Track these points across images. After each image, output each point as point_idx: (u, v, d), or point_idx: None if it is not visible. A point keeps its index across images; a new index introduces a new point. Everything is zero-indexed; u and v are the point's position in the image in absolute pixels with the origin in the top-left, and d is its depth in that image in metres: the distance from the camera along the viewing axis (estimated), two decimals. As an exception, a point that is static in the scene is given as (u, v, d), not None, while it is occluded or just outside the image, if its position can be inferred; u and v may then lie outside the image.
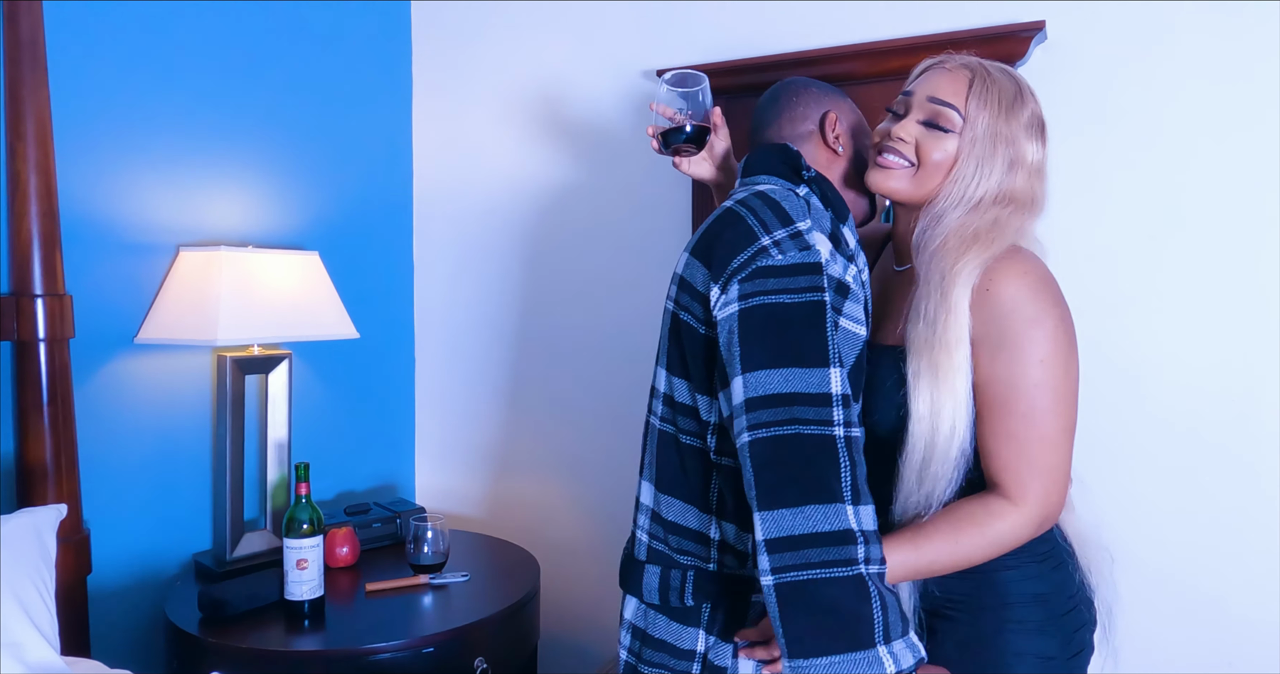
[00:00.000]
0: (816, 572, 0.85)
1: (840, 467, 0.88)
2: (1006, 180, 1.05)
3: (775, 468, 0.89)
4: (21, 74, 1.51)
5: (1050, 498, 0.99)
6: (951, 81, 1.07)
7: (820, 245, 0.98)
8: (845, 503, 0.87)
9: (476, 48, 2.23)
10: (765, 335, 0.93)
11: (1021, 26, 1.52)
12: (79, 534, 1.58)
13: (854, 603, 0.85)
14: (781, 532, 0.86)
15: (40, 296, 1.52)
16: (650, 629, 1.07)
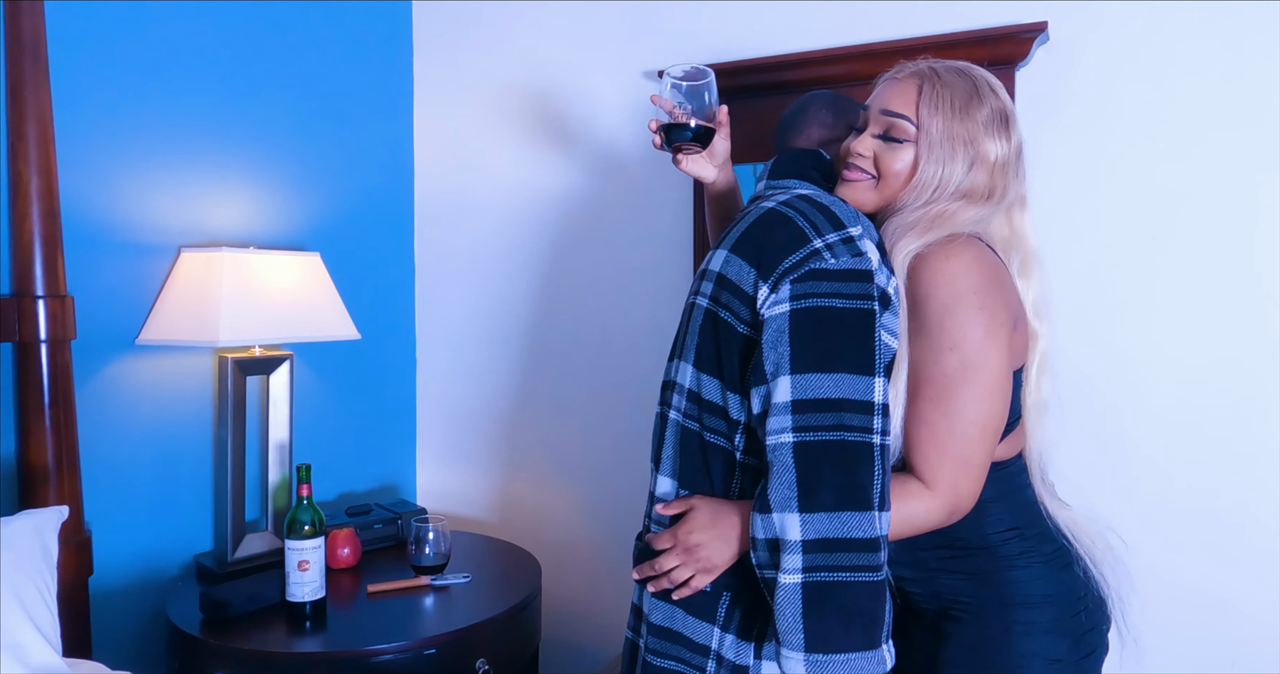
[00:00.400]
0: (847, 575, 0.89)
1: (875, 475, 0.91)
2: (967, 179, 1.05)
3: (818, 471, 0.91)
4: (23, 74, 1.51)
5: (959, 489, 0.98)
6: (902, 92, 1.08)
7: (871, 253, 0.99)
8: (876, 510, 0.90)
9: (478, 48, 2.23)
10: (817, 337, 0.94)
11: (1023, 27, 1.52)
12: (80, 535, 1.58)
13: (874, 605, 0.89)
14: (819, 534, 0.89)
15: (42, 298, 1.52)
16: (667, 622, 1.06)
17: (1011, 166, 1.08)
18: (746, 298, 0.99)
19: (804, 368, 0.93)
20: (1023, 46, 1.53)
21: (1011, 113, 1.08)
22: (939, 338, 0.98)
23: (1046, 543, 1.07)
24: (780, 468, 0.92)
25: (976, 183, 1.05)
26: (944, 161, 1.05)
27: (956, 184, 1.05)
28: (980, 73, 1.09)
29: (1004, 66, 1.56)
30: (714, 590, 1.04)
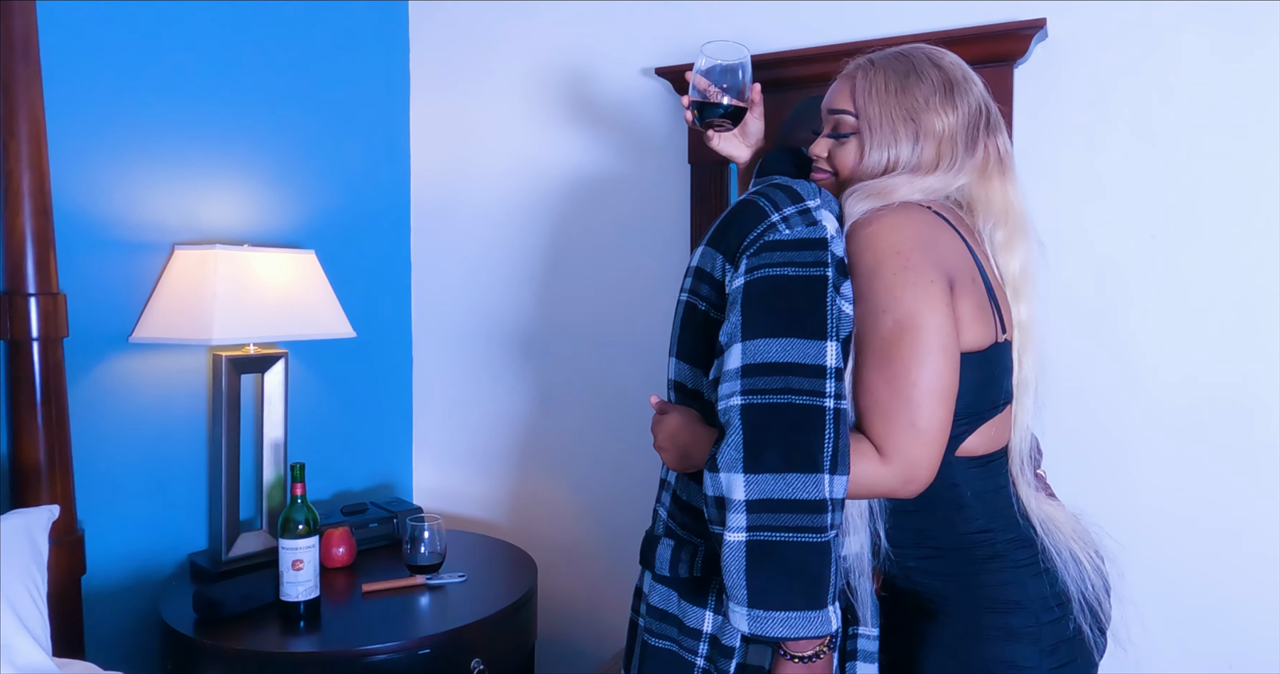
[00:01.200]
0: (790, 535, 0.90)
1: (825, 437, 0.91)
2: (914, 156, 1.05)
3: (765, 433, 0.91)
4: (15, 70, 1.50)
5: (911, 456, 0.93)
6: (841, 88, 1.10)
7: (828, 222, 1.00)
8: (824, 472, 0.90)
9: (474, 45, 2.21)
10: (768, 306, 0.96)
11: (1022, 24, 1.51)
12: (73, 534, 1.57)
13: (818, 567, 0.90)
14: (763, 494, 0.90)
15: (34, 295, 1.51)
16: (662, 603, 1.10)
17: (963, 135, 1.05)
18: (717, 284, 1.03)
19: (754, 335, 0.95)
20: (1021, 43, 1.52)
21: (958, 80, 1.06)
22: (871, 302, 0.96)
23: (1019, 548, 1.05)
24: (730, 430, 0.93)
25: (925, 157, 1.05)
26: (887, 145, 1.05)
27: (905, 162, 1.05)
28: (922, 50, 1.09)
29: (1003, 64, 1.55)
30: (705, 575, 1.06)
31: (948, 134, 1.05)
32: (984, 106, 1.07)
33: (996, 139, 1.08)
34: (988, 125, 1.07)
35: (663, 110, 1.95)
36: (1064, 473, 1.47)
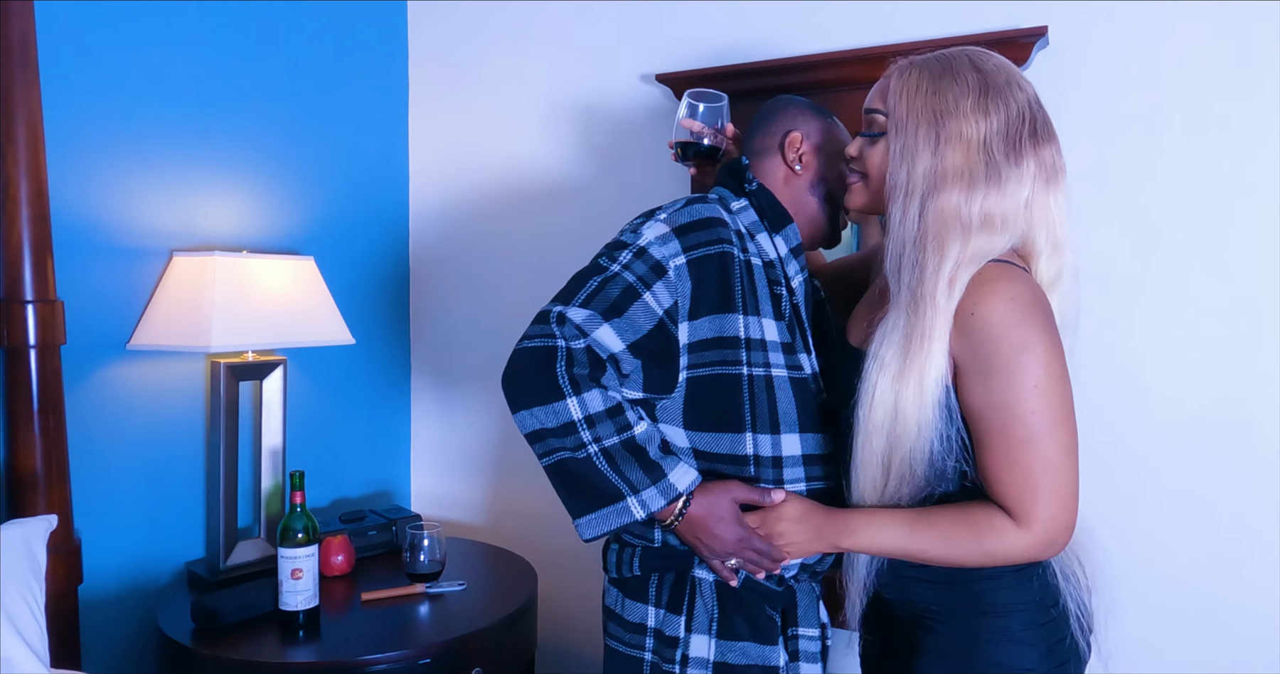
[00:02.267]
0: (557, 455, 1.07)
1: (556, 373, 1.06)
2: (935, 160, 0.99)
3: (510, 380, 1.09)
4: (12, 76, 1.49)
5: (1058, 522, 0.97)
6: (879, 88, 1.08)
7: (649, 231, 1.13)
8: (567, 397, 1.05)
9: (473, 52, 2.21)
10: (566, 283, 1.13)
11: (1023, 32, 1.51)
12: (70, 543, 1.55)
13: (589, 473, 1.06)
14: (527, 428, 1.08)
15: (31, 302, 1.50)
16: (614, 605, 1.21)
17: (1000, 143, 0.99)
18: None
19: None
20: (1023, 51, 1.52)
21: (998, 85, 1.00)
22: (1020, 378, 0.95)
23: None
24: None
25: (949, 163, 0.99)
26: (907, 148, 1.01)
27: (926, 166, 0.99)
28: (967, 51, 1.05)
29: (1004, 71, 1.55)
30: (644, 573, 1.17)
31: (979, 141, 0.99)
32: (1028, 115, 1.01)
33: (1046, 150, 1.03)
34: (1033, 134, 1.01)
35: (662, 116, 1.95)
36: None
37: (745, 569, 1.11)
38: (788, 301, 1.18)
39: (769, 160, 1.26)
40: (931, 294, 0.98)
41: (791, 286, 1.20)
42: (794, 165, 1.24)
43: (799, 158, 1.24)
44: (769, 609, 1.16)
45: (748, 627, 1.14)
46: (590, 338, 1.07)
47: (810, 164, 1.24)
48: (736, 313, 1.12)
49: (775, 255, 1.20)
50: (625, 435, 1.08)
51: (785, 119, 1.26)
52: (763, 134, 1.27)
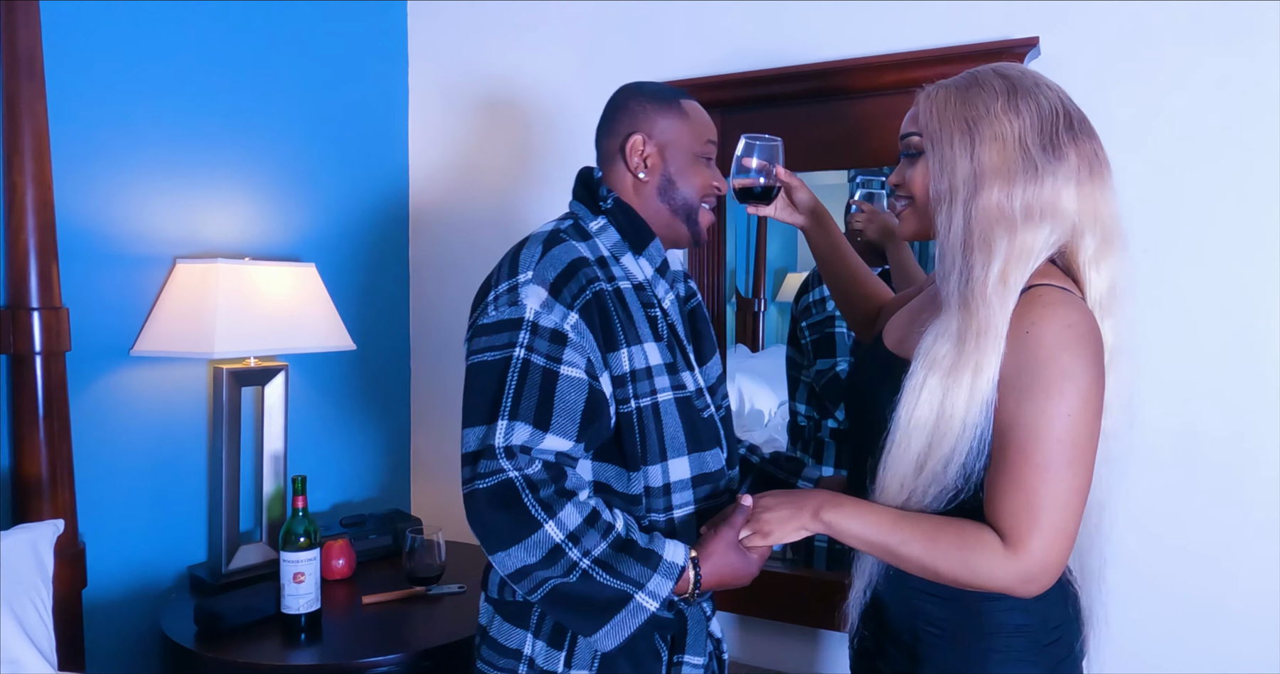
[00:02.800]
0: (548, 584, 1.02)
1: (525, 505, 1.00)
2: (972, 164, 0.99)
3: (479, 527, 1.02)
4: (19, 86, 1.51)
5: (1048, 558, 0.95)
6: (910, 114, 1.08)
7: (529, 299, 1.06)
8: (544, 525, 1.00)
9: (473, 59, 2.23)
10: (471, 394, 1.07)
11: (1014, 42, 1.54)
12: (74, 547, 1.57)
13: (588, 590, 1.02)
14: (509, 570, 1.02)
15: (36, 309, 1.52)
16: (488, 626, 1.16)
17: (1036, 137, 0.98)
18: None
19: (464, 424, 1.07)
20: (1014, 61, 1.54)
21: (1025, 86, 1.01)
22: (1057, 402, 0.94)
23: None
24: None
25: (987, 162, 0.98)
26: (945, 159, 1.01)
27: (965, 171, 0.99)
28: (992, 65, 1.06)
29: (996, 81, 1.58)
30: (525, 600, 1.10)
31: (1014, 138, 0.98)
32: (1061, 111, 1.01)
33: (1086, 144, 1.02)
34: (1069, 128, 1.01)
35: (660, 125, 1.96)
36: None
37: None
38: (663, 322, 1.15)
39: (615, 167, 1.19)
40: (983, 293, 0.96)
41: (664, 307, 1.17)
42: (638, 172, 1.17)
43: (643, 162, 1.16)
44: (658, 638, 1.14)
45: (630, 664, 1.10)
46: (539, 451, 1.03)
47: (656, 167, 1.17)
48: (620, 349, 1.10)
49: (643, 277, 1.17)
50: (611, 537, 1.03)
51: (626, 118, 1.18)
52: (607, 135, 1.20)
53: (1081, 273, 1.03)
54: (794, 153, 1.78)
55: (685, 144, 1.18)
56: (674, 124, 1.17)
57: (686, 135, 1.18)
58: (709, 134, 1.21)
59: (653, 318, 1.15)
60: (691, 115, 1.19)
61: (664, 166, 1.17)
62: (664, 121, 1.17)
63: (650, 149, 1.17)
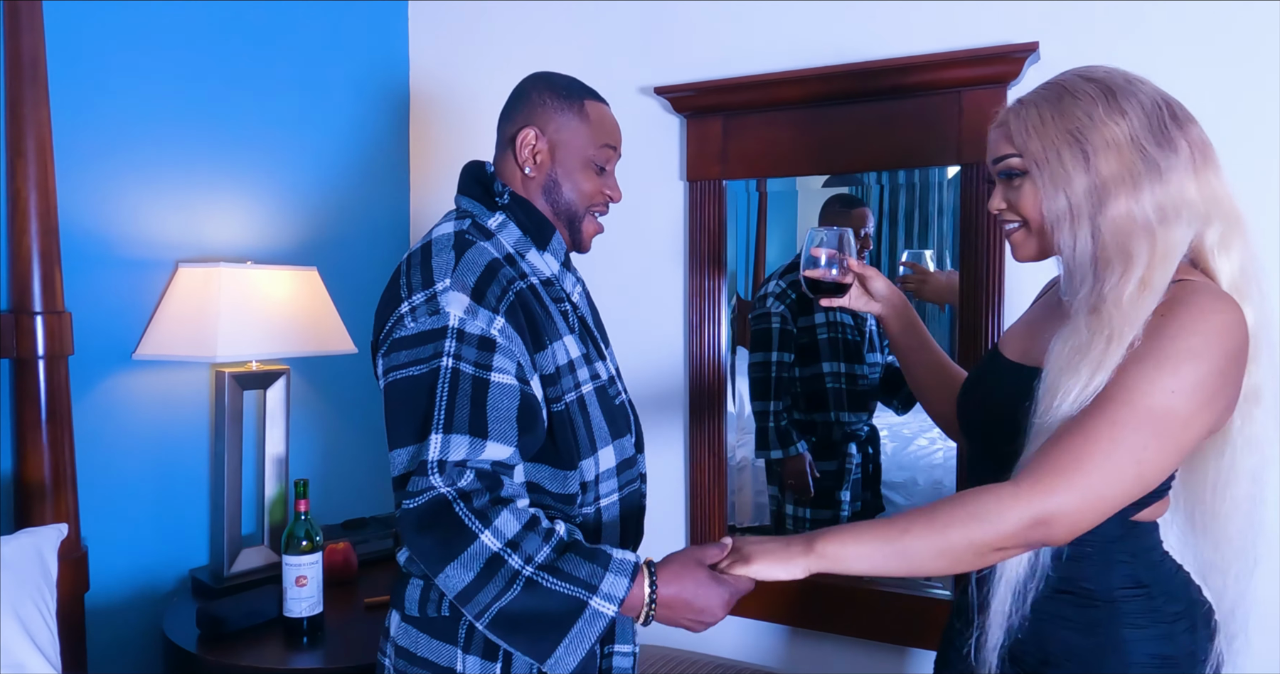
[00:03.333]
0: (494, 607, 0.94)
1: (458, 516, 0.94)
2: (1090, 177, 0.96)
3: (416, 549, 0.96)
4: (22, 90, 1.51)
5: (1067, 507, 0.88)
6: (997, 137, 1.04)
7: (452, 307, 1.01)
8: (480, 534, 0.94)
9: (474, 63, 2.24)
10: (396, 413, 1.01)
11: (1014, 47, 1.55)
12: (77, 551, 1.57)
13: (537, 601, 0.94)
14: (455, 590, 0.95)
15: (39, 314, 1.52)
16: (413, 646, 1.08)
17: (1148, 135, 0.95)
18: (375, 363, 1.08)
19: (393, 444, 1.01)
20: (1015, 66, 1.55)
21: (1119, 85, 0.97)
22: (1166, 375, 0.89)
23: (1173, 602, 1.01)
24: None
25: (1106, 172, 0.95)
26: (1059, 177, 0.97)
27: (1084, 185, 0.96)
28: (1071, 71, 1.01)
29: (996, 85, 1.59)
30: (453, 614, 1.05)
31: (1127, 140, 0.95)
32: (1162, 102, 0.98)
33: (1192, 130, 0.98)
34: (1174, 118, 0.97)
35: (659, 128, 1.97)
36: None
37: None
38: (574, 315, 1.14)
39: (505, 158, 1.15)
40: (1117, 299, 0.93)
41: (573, 301, 1.16)
42: (525, 166, 1.13)
43: (532, 158, 1.12)
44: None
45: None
46: (476, 462, 0.98)
47: (544, 165, 1.13)
48: (546, 347, 1.06)
49: (550, 272, 1.15)
50: (554, 540, 0.96)
51: (524, 108, 1.14)
52: (504, 121, 1.16)
53: (1211, 262, 0.98)
54: (792, 157, 1.80)
55: (577, 146, 1.13)
56: (571, 123, 1.13)
57: (581, 137, 1.13)
58: (609, 139, 1.16)
59: (564, 312, 1.13)
60: (593, 117, 1.14)
61: (552, 166, 1.13)
62: (561, 118, 1.13)
63: (541, 145, 1.13)
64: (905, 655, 1.73)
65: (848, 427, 1.86)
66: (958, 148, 1.63)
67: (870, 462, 1.85)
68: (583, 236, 1.18)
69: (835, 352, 1.86)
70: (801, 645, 1.84)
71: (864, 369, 1.85)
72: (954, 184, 1.66)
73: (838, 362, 1.86)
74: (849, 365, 1.85)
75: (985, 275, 1.61)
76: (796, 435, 1.88)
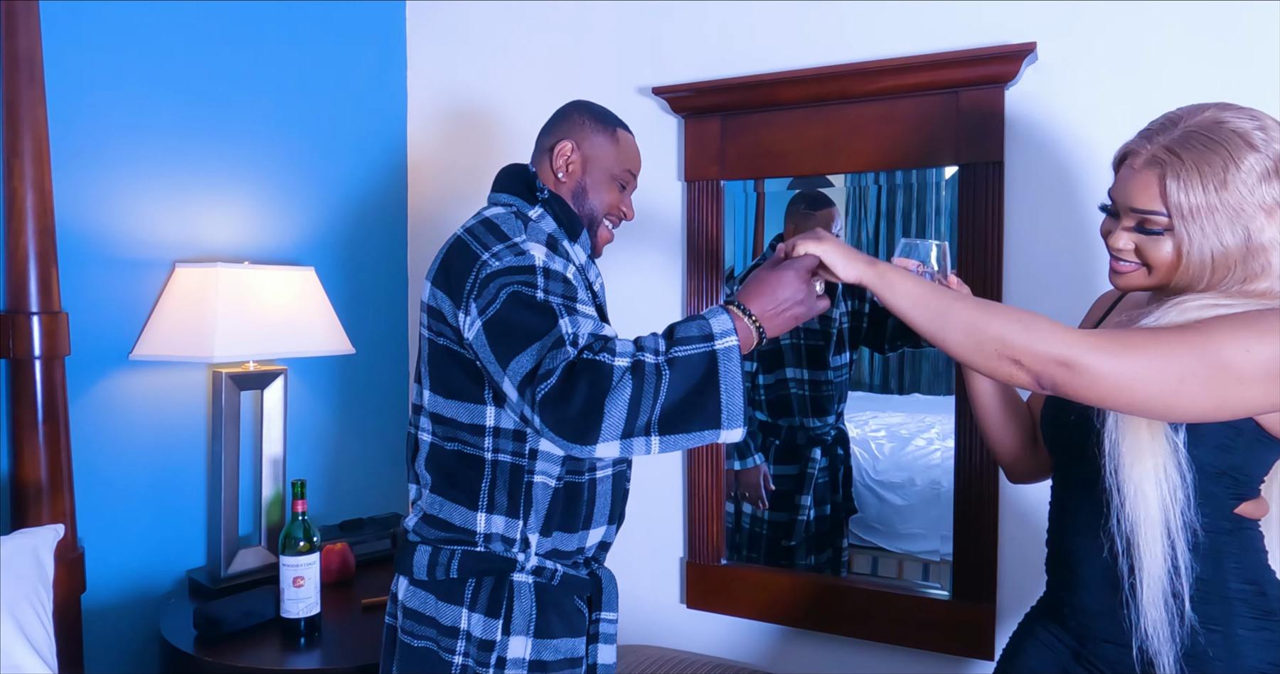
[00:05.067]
0: (660, 395, 1.01)
1: (591, 371, 1.01)
2: (1245, 238, 0.97)
3: (562, 412, 1.01)
4: (19, 90, 1.51)
5: (1093, 367, 0.91)
6: (1144, 186, 1.01)
7: (535, 251, 1.13)
8: (614, 368, 1.01)
9: (471, 64, 2.24)
10: (513, 319, 1.08)
11: (1012, 48, 1.55)
12: (74, 552, 1.57)
13: (682, 377, 1.02)
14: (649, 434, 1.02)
15: (36, 314, 1.52)
16: (421, 607, 1.19)
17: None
18: (452, 327, 1.15)
19: (507, 358, 1.07)
20: (1012, 66, 1.56)
21: (1272, 149, 0.97)
22: (1251, 337, 0.91)
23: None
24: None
25: (1255, 242, 0.97)
26: (1211, 245, 0.97)
27: (1238, 241, 0.97)
28: (1226, 125, 0.98)
29: (994, 85, 1.59)
30: (460, 576, 1.18)
31: (1273, 172, 0.97)
32: None
33: None
34: None
35: (658, 128, 1.97)
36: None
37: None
38: (592, 303, 1.25)
39: (542, 164, 1.32)
40: (1226, 291, 0.98)
41: (594, 290, 1.30)
42: (559, 173, 1.29)
43: (565, 166, 1.29)
44: (578, 600, 1.24)
45: (562, 623, 1.19)
46: (590, 334, 1.07)
47: (575, 174, 1.30)
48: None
49: (580, 261, 1.27)
50: (659, 334, 1.07)
51: (565, 125, 1.32)
52: (545, 134, 1.34)
53: None
54: (790, 157, 1.80)
55: (606, 164, 1.31)
56: (603, 143, 1.31)
57: (610, 157, 1.31)
58: (631, 165, 1.34)
59: (593, 295, 1.28)
60: (622, 143, 1.33)
61: (582, 176, 1.30)
62: (596, 138, 1.31)
63: (575, 157, 1.30)
64: (905, 655, 1.73)
65: (812, 431, 1.87)
66: (955, 148, 1.63)
67: (840, 463, 1.85)
68: (597, 241, 1.34)
69: (799, 358, 1.87)
70: (800, 646, 1.84)
71: (829, 374, 1.86)
72: (952, 184, 1.66)
73: (801, 368, 1.87)
74: (813, 372, 1.87)
75: (986, 275, 1.61)
76: (754, 446, 1.90)
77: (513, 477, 1.17)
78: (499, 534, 1.18)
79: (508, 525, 1.18)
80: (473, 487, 1.18)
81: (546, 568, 1.20)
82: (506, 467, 1.17)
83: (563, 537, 1.21)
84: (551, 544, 1.20)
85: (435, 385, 1.20)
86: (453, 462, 1.19)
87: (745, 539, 1.91)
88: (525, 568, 1.19)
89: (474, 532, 1.18)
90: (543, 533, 1.19)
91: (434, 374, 1.20)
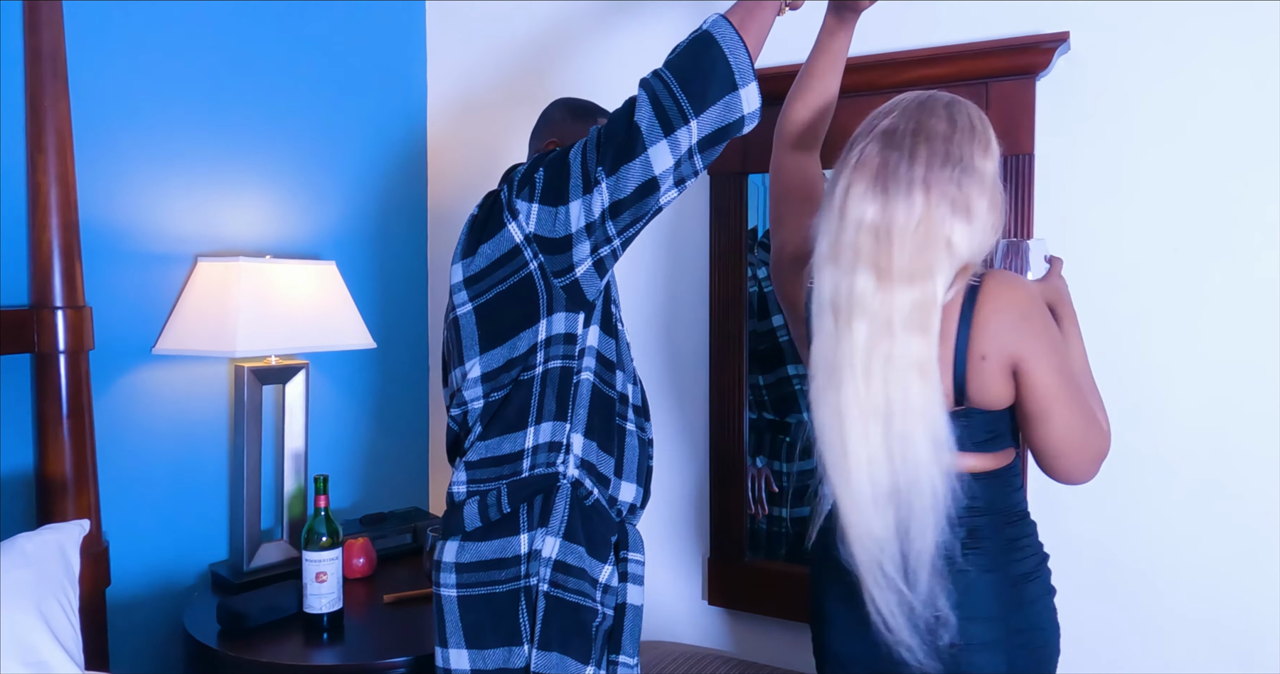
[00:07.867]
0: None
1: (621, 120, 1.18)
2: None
3: (626, 139, 1.15)
4: (42, 86, 1.51)
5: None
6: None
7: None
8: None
9: (492, 55, 2.22)
10: (558, 177, 1.18)
11: (1044, 37, 1.51)
12: (98, 546, 1.57)
13: (689, 54, 1.17)
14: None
15: (60, 308, 1.52)
16: (476, 556, 1.23)
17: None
18: (509, 254, 1.22)
19: (567, 199, 1.19)
20: (1044, 56, 1.52)
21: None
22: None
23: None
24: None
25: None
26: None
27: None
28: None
29: (1025, 76, 1.55)
30: (513, 508, 1.23)
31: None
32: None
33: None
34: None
35: (682, 121, 1.95)
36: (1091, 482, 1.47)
37: None
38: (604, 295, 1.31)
39: None
40: None
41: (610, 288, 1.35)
42: None
43: None
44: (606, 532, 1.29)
45: (586, 537, 1.24)
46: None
47: None
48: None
49: None
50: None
51: (548, 126, 1.36)
52: (534, 138, 1.37)
53: None
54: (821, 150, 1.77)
55: None
56: (583, 133, 1.32)
57: None
58: None
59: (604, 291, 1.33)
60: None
61: None
62: (575, 130, 1.34)
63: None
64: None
65: None
66: (985, 140, 1.60)
67: None
68: None
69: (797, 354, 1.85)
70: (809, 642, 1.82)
71: None
72: (981, 177, 1.63)
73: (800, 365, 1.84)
74: None
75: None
76: (753, 448, 1.88)
77: (562, 380, 1.24)
78: (545, 444, 1.23)
79: (554, 430, 1.24)
80: (524, 406, 1.23)
81: (584, 485, 1.25)
82: (556, 372, 1.23)
83: (600, 454, 1.26)
84: (588, 456, 1.25)
85: (484, 345, 1.24)
86: (503, 399, 1.24)
87: (768, 536, 1.89)
88: (566, 476, 1.24)
89: (522, 451, 1.23)
90: (586, 435, 1.25)
91: (483, 336, 1.24)
